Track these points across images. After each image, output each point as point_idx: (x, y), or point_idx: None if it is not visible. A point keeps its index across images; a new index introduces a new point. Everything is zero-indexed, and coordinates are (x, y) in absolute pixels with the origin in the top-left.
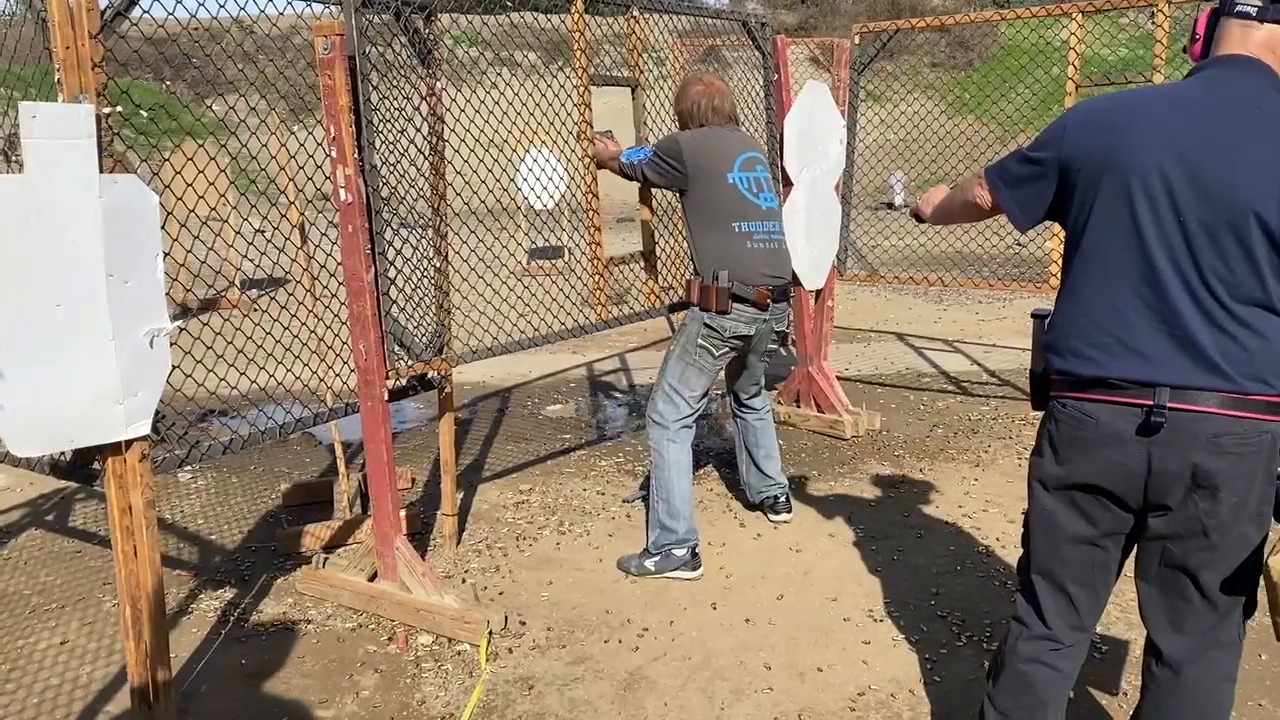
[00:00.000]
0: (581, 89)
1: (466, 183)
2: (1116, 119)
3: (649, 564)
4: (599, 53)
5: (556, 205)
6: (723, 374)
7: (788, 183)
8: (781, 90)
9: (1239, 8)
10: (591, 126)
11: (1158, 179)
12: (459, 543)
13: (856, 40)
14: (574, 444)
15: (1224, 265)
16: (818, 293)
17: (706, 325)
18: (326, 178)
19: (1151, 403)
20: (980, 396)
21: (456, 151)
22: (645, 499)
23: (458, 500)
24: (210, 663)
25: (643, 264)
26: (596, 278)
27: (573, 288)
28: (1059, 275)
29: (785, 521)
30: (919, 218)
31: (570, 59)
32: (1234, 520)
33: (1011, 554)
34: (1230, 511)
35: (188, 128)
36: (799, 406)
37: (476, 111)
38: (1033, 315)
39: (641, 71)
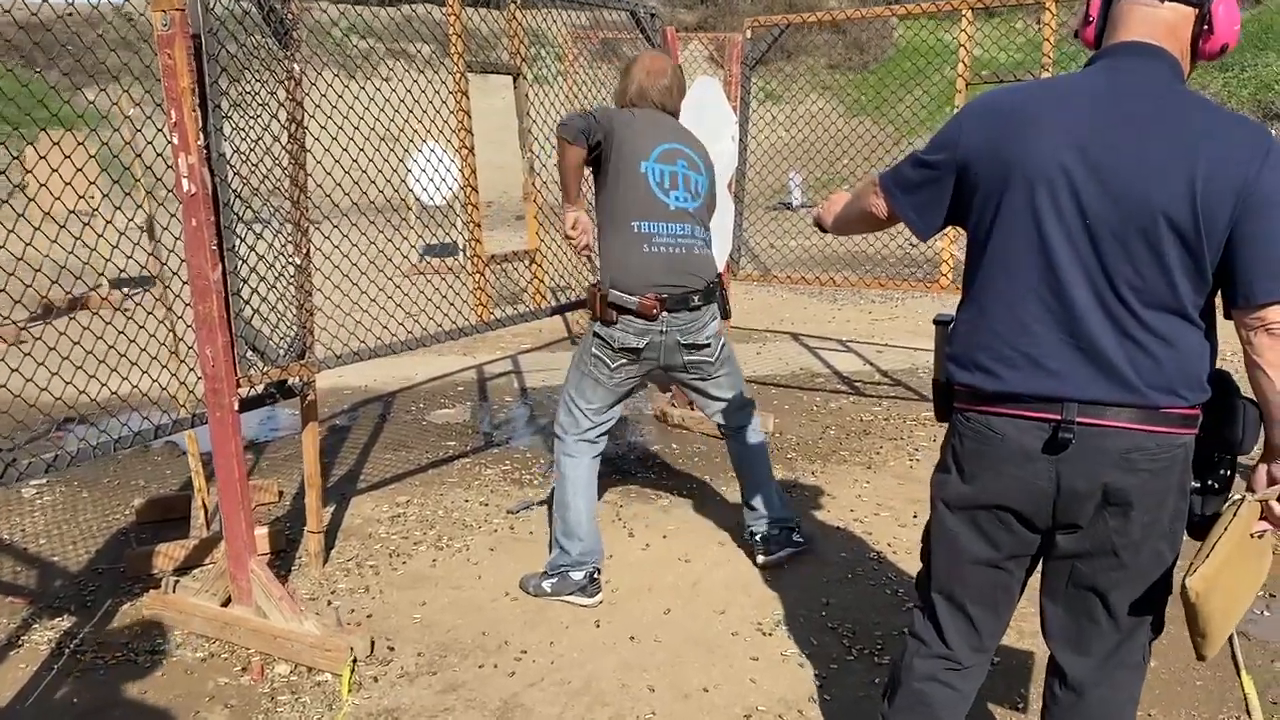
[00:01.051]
0: (457, 76)
1: (356, 180)
2: (1015, 114)
3: (545, 585)
4: (496, 46)
5: (449, 201)
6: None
7: None
8: None
9: None
10: (470, 116)
11: (1061, 179)
12: (326, 561)
13: (748, 35)
14: (458, 451)
15: (1133, 271)
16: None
17: (596, 334)
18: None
19: (1059, 418)
20: (873, 397)
21: (345, 149)
22: (532, 509)
23: (327, 515)
24: (37, 701)
25: (527, 263)
26: (477, 277)
27: (462, 286)
28: (950, 276)
29: (763, 566)
30: (821, 227)
31: (464, 50)
32: (1146, 538)
33: (903, 560)
34: (1142, 530)
35: (67, 120)
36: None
37: (356, 100)
38: (935, 322)
39: (524, 59)
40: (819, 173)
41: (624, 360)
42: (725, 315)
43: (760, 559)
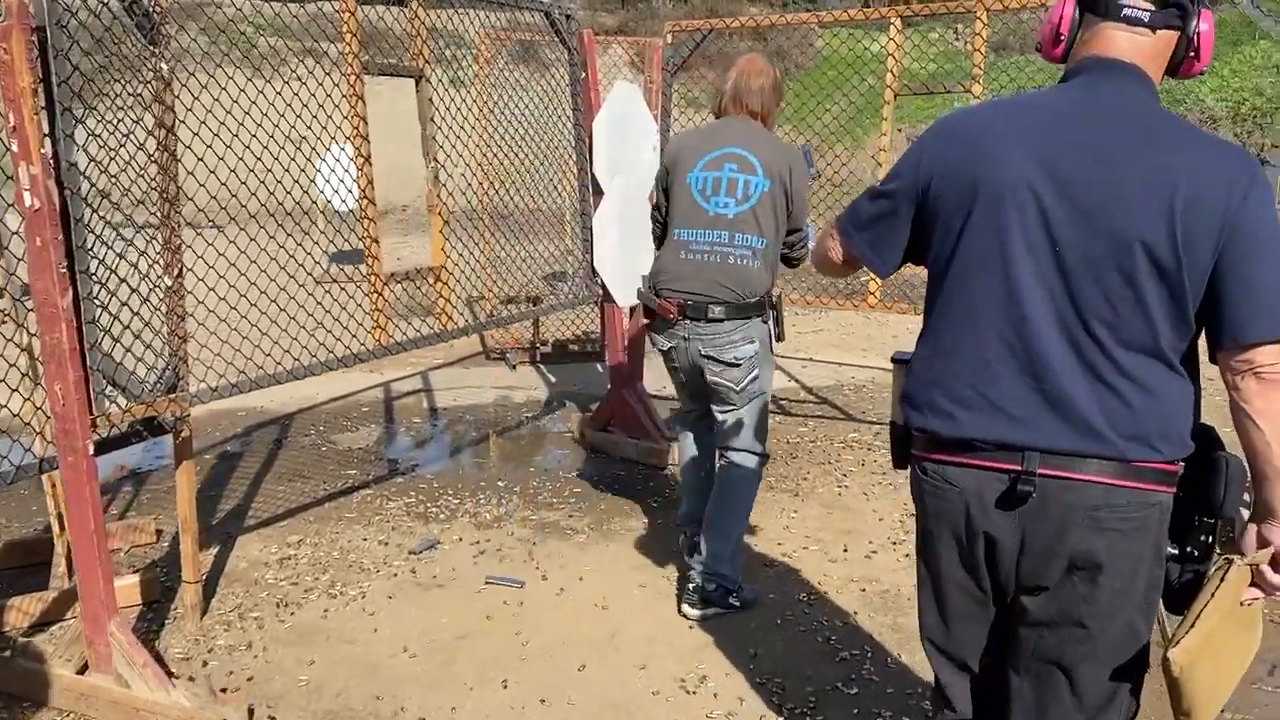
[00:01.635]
0: (353, 78)
1: (260, 183)
2: (979, 134)
3: (679, 539)
4: (409, 47)
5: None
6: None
7: (598, 191)
8: (590, 90)
9: (1126, 12)
10: (366, 122)
11: (1029, 201)
12: (205, 613)
13: (669, 40)
14: (359, 481)
15: (1108, 306)
16: (632, 310)
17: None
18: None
19: (1019, 468)
20: (798, 416)
21: (241, 154)
22: (436, 549)
23: (208, 559)
24: None
25: (431, 280)
26: (375, 298)
27: (357, 307)
28: (878, 295)
29: (686, 617)
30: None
31: (374, 50)
32: (1117, 609)
33: (834, 601)
34: (1112, 597)
35: None
36: (613, 432)
37: (254, 102)
38: (893, 360)
39: (428, 61)
40: None
41: (668, 361)
42: (778, 338)
43: (685, 609)
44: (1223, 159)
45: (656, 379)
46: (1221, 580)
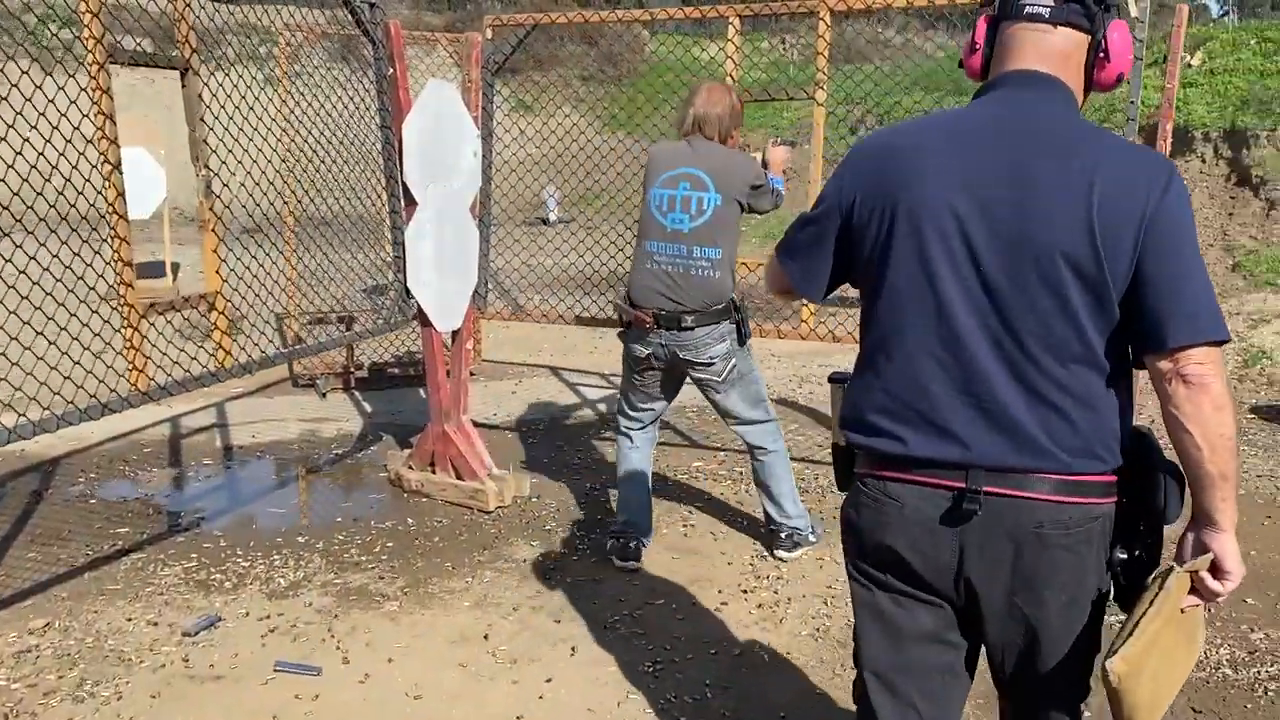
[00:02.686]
0: (95, 68)
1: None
2: (898, 155)
3: (606, 544)
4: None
5: (159, 212)
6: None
7: (410, 202)
8: (398, 89)
9: (1028, 9)
10: (111, 120)
11: (951, 223)
12: None
13: (489, 35)
14: (130, 543)
15: (1037, 321)
16: (454, 334)
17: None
18: None
19: (963, 486)
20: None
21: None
22: (217, 626)
23: None
24: None
25: (204, 309)
26: (129, 333)
27: (107, 341)
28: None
29: (783, 560)
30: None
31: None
32: (1066, 623)
33: (682, 671)
34: (1060, 610)
35: None
36: (434, 472)
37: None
38: (830, 380)
39: (195, 51)
40: (576, 186)
41: (642, 366)
42: (741, 340)
43: (780, 553)
44: (1138, 162)
45: (484, 406)
46: (1160, 588)
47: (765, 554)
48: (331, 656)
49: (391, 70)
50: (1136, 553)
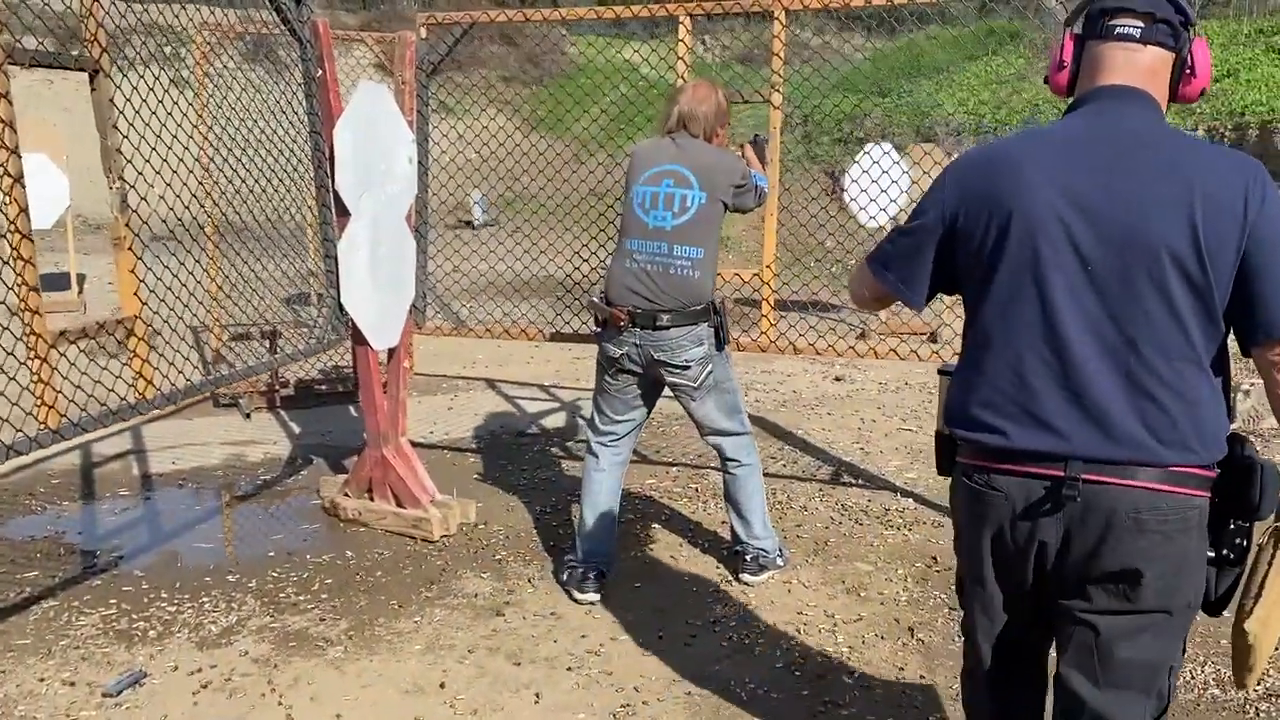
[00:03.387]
0: None
1: None
2: (1002, 167)
3: (562, 574)
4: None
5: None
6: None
7: (343, 211)
8: (328, 91)
9: (1119, 30)
10: (11, 128)
11: (1058, 228)
12: None
13: (423, 35)
14: (41, 588)
15: (1143, 318)
16: (391, 352)
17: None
18: None
19: (1062, 475)
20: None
21: None
22: (142, 683)
23: None
24: None
25: (122, 335)
26: (37, 365)
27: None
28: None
29: (748, 584)
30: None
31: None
32: (1160, 605)
33: (668, 709)
34: (1155, 596)
35: None
36: (373, 499)
37: None
38: (940, 372)
39: (105, 51)
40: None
41: (615, 369)
42: (720, 344)
43: (745, 577)
44: (1235, 168)
45: (420, 424)
46: (1276, 547)
47: (730, 578)
48: (273, 714)
49: (320, 72)
50: (1225, 552)
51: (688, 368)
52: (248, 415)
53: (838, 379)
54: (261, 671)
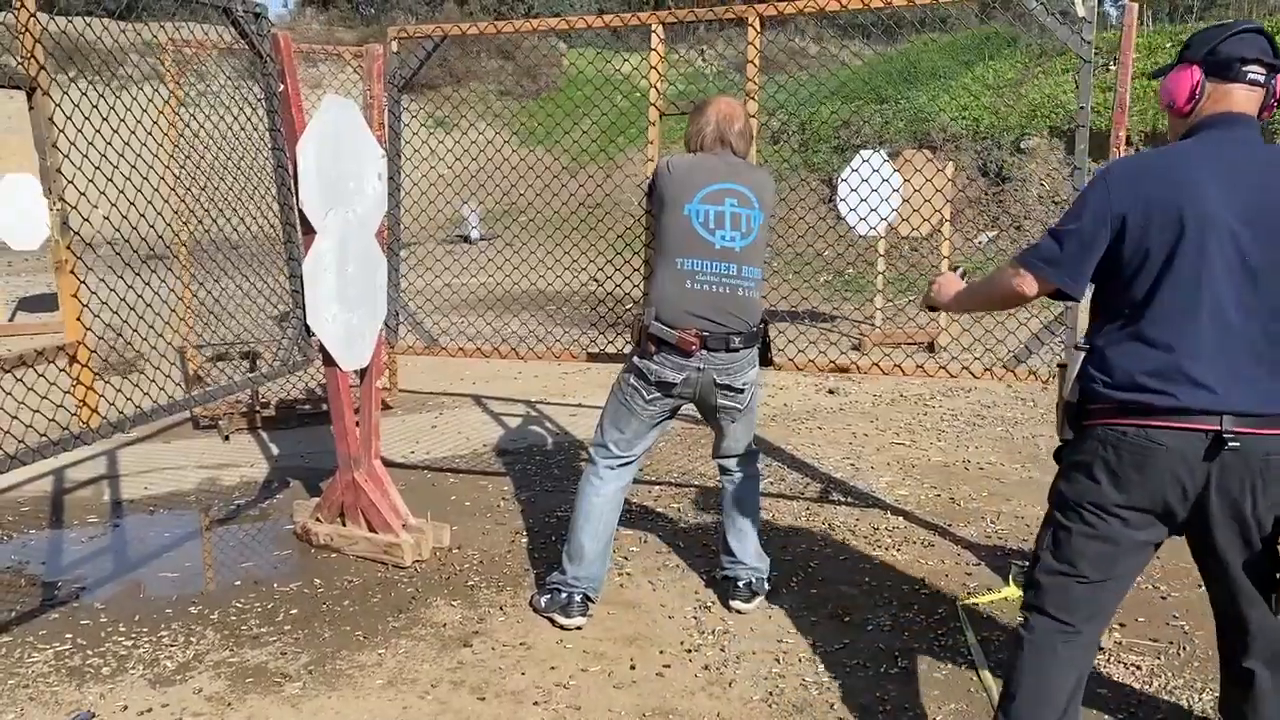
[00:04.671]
0: None
1: None
2: (1170, 175)
3: (540, 600)
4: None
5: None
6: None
7: (309, 230)
8: (290, 106)
9: (1250, 77)
10: None
11: (1224, 229)
12: None
13: (394, 48)
14: None
15: None
16: (362, 372)
17: (635, 365)
18: None
19: (1218, 428)
20: (567, 480)
21: None
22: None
23: None
24: None
25: (64, 363)
26: None
27: None
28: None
29: (740, 612)
30: (932, 307)
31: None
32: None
33: None
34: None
35: None
36: (344, 524)
37: None
38: (1076, 348)
39: (43, 68)
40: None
41: (658, 394)
42: (766, 363)
43: (737, 605)
44: None
45: (401, 444)
46: None
47: (710, 604)
48: None
49: (282, 86)
50: None
51: (743, 391)
52: (226, 438)
53: (830, 391)
54: (214, 710)
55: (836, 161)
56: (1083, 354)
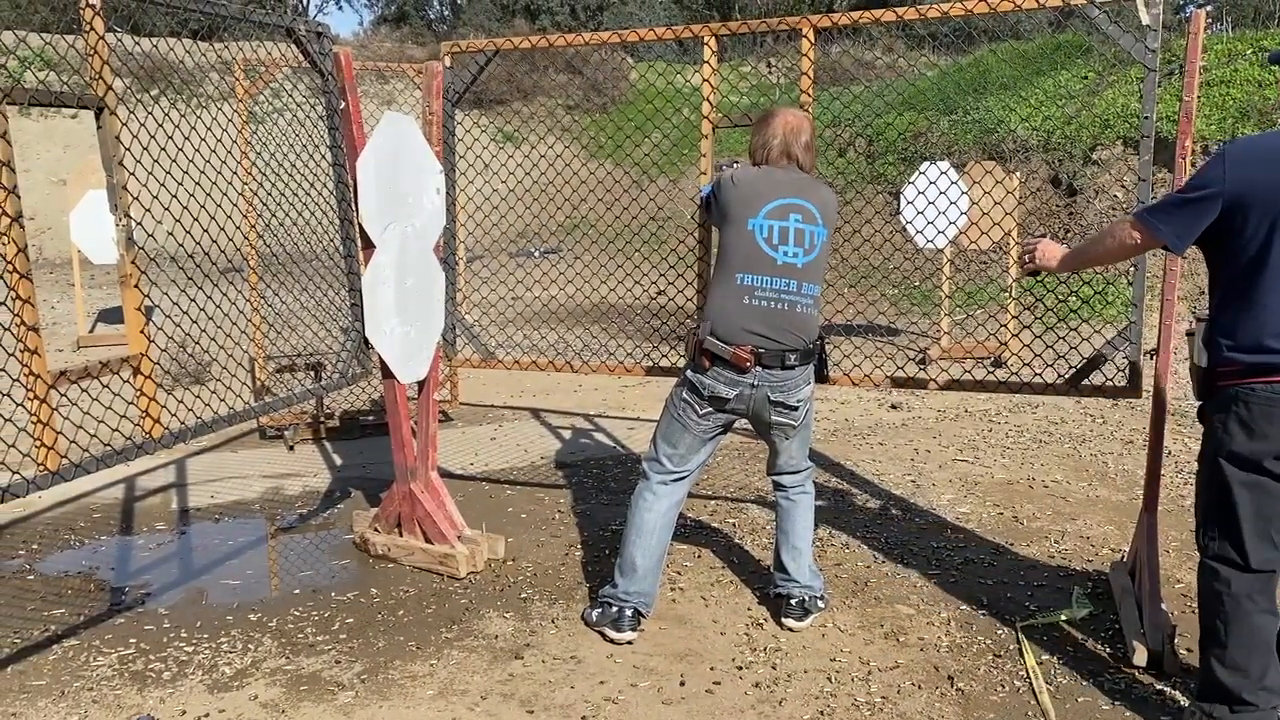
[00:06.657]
0: None
1: None
2: (1276, 154)
3: (592, 614)
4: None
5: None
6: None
7: (368, 244)
8: (351, 124)
9: None
10: (10, 168)
11: None
12: None
13: (448, 63)
14: (65, 627)
15: None
16: (420, 384)
17: (689, 380)
18: None
19: None
20: (624, 494)
21: None
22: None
23: None
24: None
25: (129, 374)
26: (35, 404)
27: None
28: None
29: (792, 630)
30: (1035, 271)
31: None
32: None
33: None
34: None
35: None
36: (401, 535)
37: None
38: (1197, 319)
39: (109, 88)
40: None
41: (711, 409)
42: (821, 379)
43: (790, 623)
44: None
45: (460, 455)
46: None
47: (762, 621)
48: None
49: (344, 104)
50: None
51: (797, 408)
52: (291, 447)
53: (894, 406)
54: (269, 717)
55: (904, 173)
56: (1204, 323)
